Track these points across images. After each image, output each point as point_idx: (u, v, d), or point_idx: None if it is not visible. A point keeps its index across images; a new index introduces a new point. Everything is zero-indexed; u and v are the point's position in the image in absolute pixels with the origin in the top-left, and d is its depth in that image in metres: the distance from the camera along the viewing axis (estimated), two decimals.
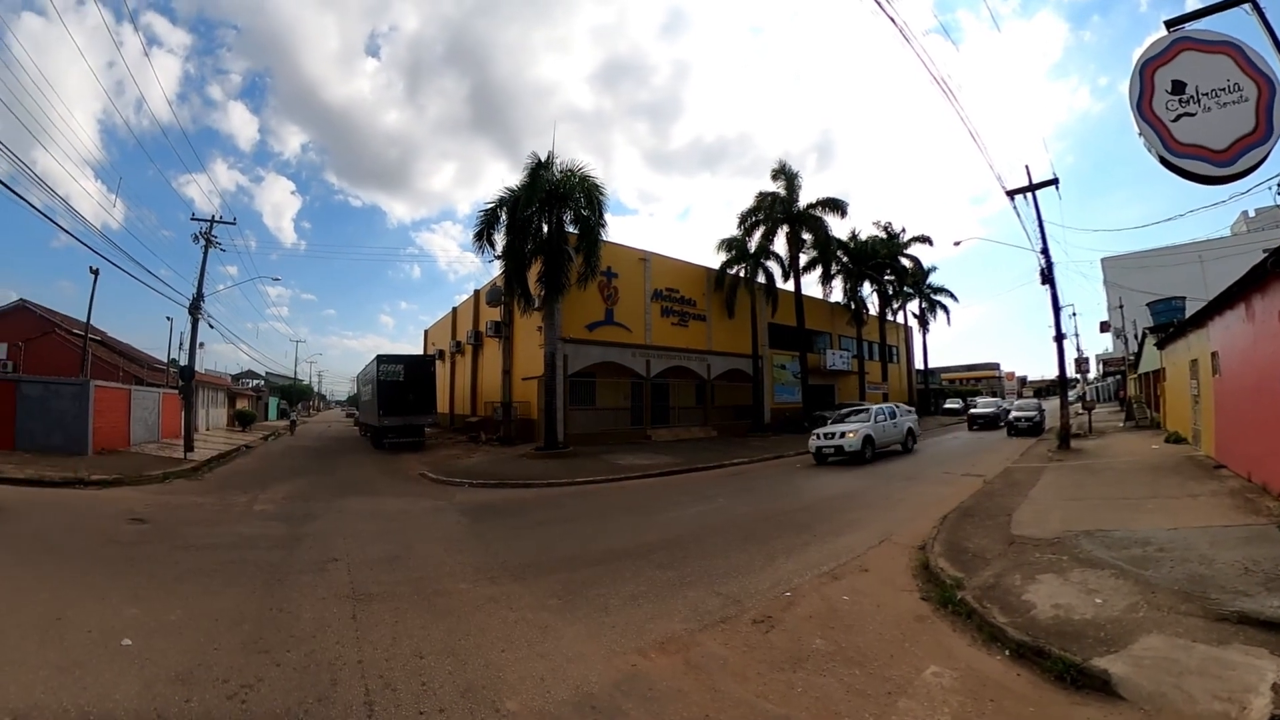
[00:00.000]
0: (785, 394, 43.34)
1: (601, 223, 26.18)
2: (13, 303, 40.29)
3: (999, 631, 5.90)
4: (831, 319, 49.41)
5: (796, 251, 38.78)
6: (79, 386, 24.72)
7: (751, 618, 6.75)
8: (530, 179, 25.75)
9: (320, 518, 13.77)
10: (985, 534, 9.74)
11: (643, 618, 6.87)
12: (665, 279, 35.97)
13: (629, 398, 33.74)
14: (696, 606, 7.17)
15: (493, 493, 17.83)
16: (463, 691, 5.16)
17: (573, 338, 29.93)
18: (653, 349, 34.30)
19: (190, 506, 15.30)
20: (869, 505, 13.88)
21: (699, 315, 37.75)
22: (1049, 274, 24.00)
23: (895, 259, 49.31)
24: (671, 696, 5.01)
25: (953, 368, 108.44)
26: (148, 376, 39.57)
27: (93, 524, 12.55)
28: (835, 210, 37.98)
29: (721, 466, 22.65)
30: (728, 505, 14.50)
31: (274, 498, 16.77)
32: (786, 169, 38.07)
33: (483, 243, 26.89)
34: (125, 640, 6.22)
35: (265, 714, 4.82)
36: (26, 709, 4.78)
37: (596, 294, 30.94)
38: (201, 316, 29.91)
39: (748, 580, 8.14)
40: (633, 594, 7.73)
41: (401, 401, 31.88)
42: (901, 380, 60.12)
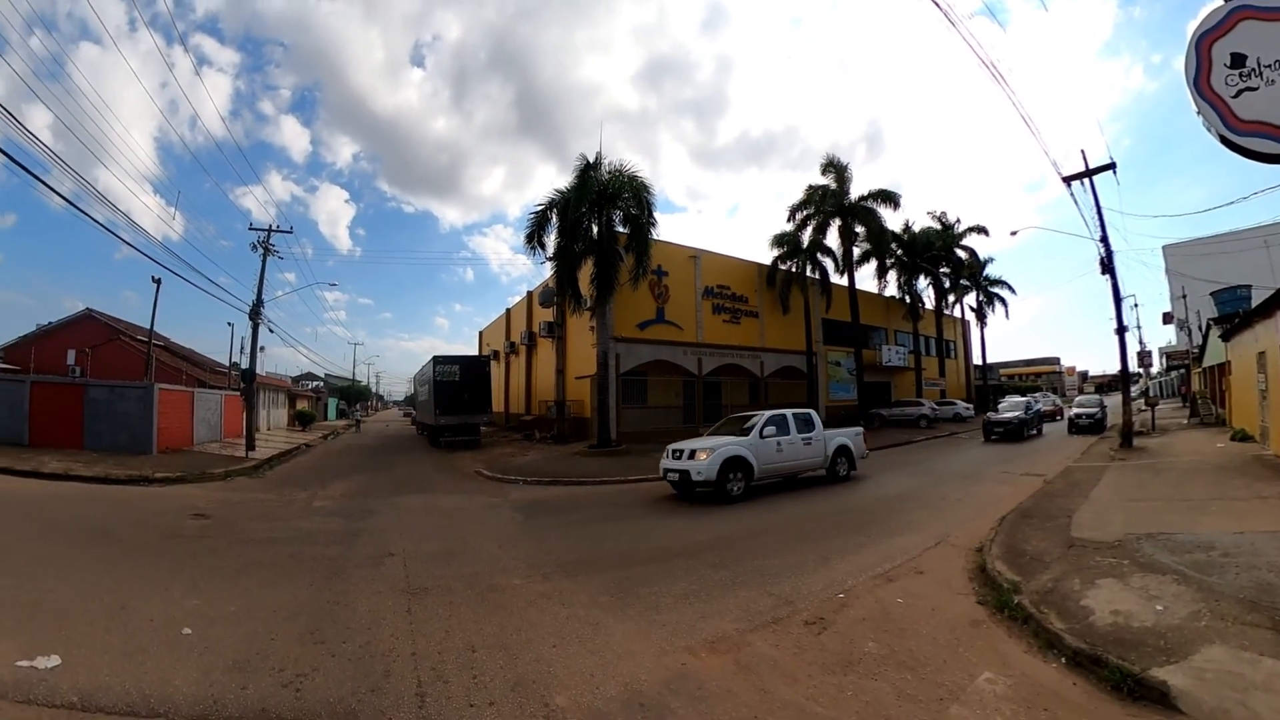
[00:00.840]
0: (840, 391, 42.55)
1: (651, 221, 26.17)
2: (80, 312, 42.66)
3: (1055, 638, 5.68)
4: (887, 314, 48.27)
5: (849, 245, 38.31)
6: (144, 389, 25.68)
7: (803, 619, 6.64)
8: (579, 180, 25.89)
9: (378, 514, 14.03)
10: (1044, 536, 9.42)
11: (694, 616, 6.80)
12: (716, 276, 35.67)
13: (681, 396, 33.55)
14: (748, 606, 7.08)
15: (546, 490, 17.95)
16: (513, 685, 5.17)
17: (624, 336, 29.95)
18: (704, 347, 34.07)
19: (251, 503, 15.72)
20: (926, 506, 13.56)
21: (751, 312, 37.33)
22: (1109, 263, 23.05)
23: (950, 251, 48.34)
24: (720, 697, 4.93)
25: (1012, 363, 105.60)
26: (210, 379, 40.83)
27: (156, 519, 12.94)
28: (887, 202, 37.36)
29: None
30: (780, 505, 14.28)
31: (333, 494, 17.14)
32: (836, 161, 37.64)
33: (534, 245, 27.17)
34: (186, 629, 6.41)
35: (319, 703, 4.90)
36: (92, 690, 4.99)
37: (647, 292, 30.94)
38: (261, 321, 30.62)
39: (800, 581, 8.00)
40: (684, 592, 7.66)
41: (457, 401, 32.32)
42: (959, 376, 58.56)
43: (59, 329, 42.21)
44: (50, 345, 40.52)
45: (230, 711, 4.76)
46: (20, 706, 4.72)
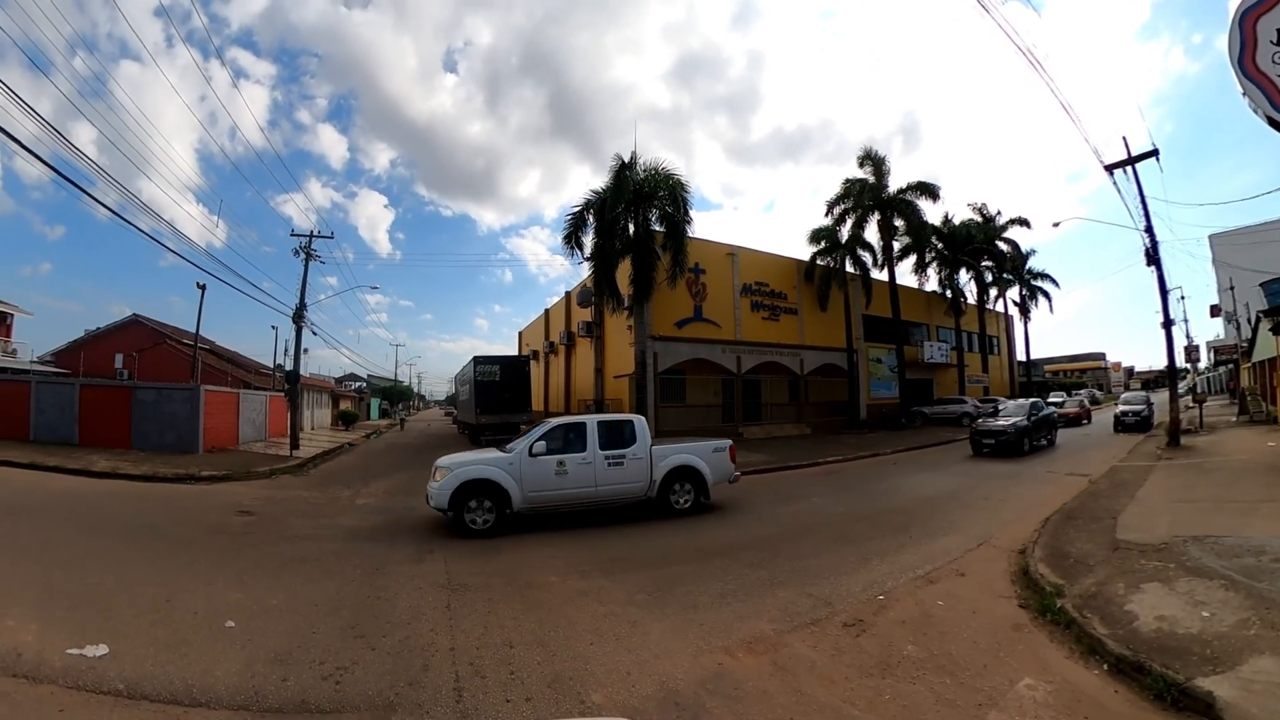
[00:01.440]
0: (882, 389, 41.93)
1: (687, 219, 26.05)
2: (126, 317, 44.14)
3: (1098, 644, 5.53)
4: (928, 309, 47.63)
5: (889, 239, 37.67)
6: (190, 391, 26.28)
7: (842, 620, 6.57)
8: (615, 180, 25.85)
9: (420, 511, 14.06)
10: (1088, 538, 9.21)
11: (731, 616, 6.76)
12: (754, 273, 35.46)
13: (720, 394, 33.45)
14: (786, 607, 7.02)
15: None
16: (550, 681, 5.19)
17: (662, 335, 29.90)
18: (743, 344, 33.83)
19: (295, 500, 15.97)
20: (969, 506, 13.30)
21: (790, 309, 37.05)
22: (1154, 254, 22.31)
23: (992, 243, 47.15)
24: (756, 697, 4.90)
25: (1056, 359, 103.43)
26: (255, 381, 41.55)
27: (202, 516, 13.23)
28: (927, 194, 36.76)
29: (815, 465, 22.08)
30: (822, 504, 14.16)
31: (375, 492, 17.36)
32: (873, 154, 37.14)
33: (571, 245, 27.17)
34: (229, 622, 6.54)
35: (358, 695, 4.97)
36: (138, 679, 5.13)
37: (685, 291, 30.88)
38: (305, 324, 31.23)
39: (840, 582, 7.91)
40: (722, 592, 7.63)
41: (498, 400, 32.47)
42: (1003, 372, 57.42)
43: (107, 334, 43.57)
44: (98, 350, 41.70)
45: (271, 702, 4.85)
46: (70, 692, 4.88)
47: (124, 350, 40.51)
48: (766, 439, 31.39)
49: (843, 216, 37.05)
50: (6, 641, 5.78)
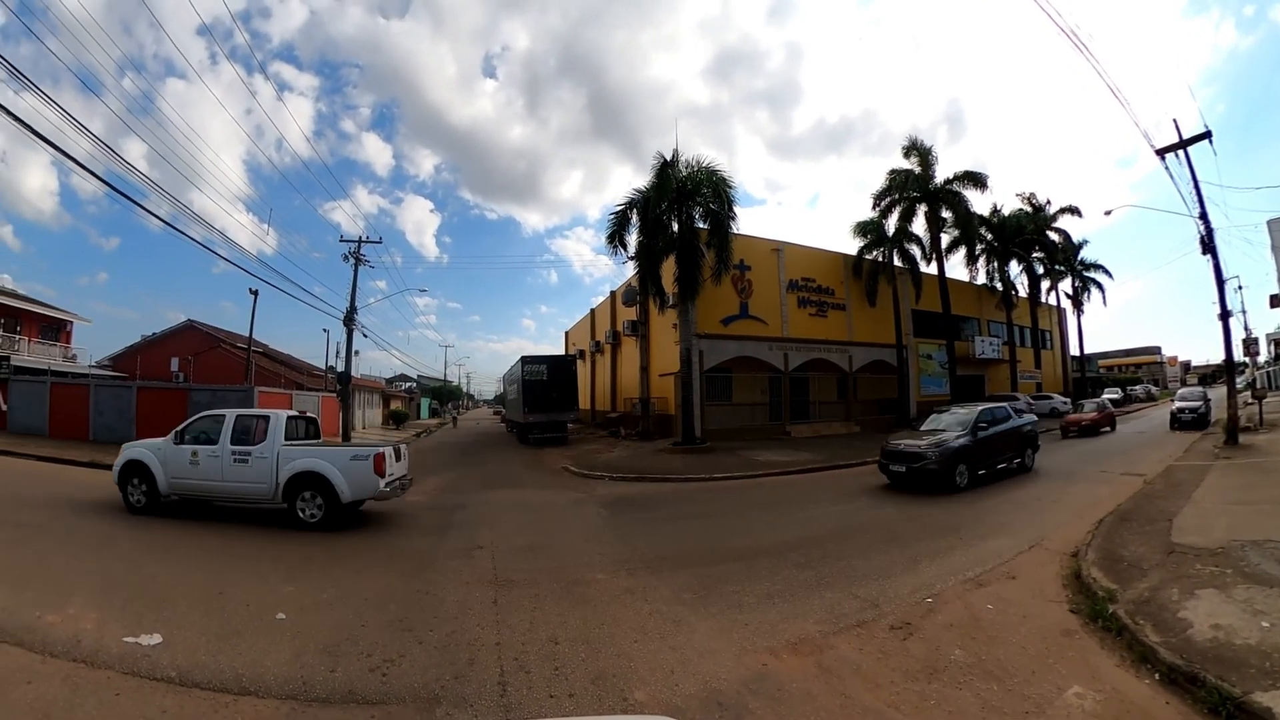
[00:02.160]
0: (932, 386, 40.85)
1: (731, 216, 25.84)
2: (181, 323, 46.00)
3: (1150, 652, 5.30)
4: (979, 303, 46.12)
5: (937, 232, 36.70)
6: (244, 392, 27.15)
7: (889, 623, 6.45)
8: (658, 178, 25.77)
9: (468, 508, 14.34)
10: (1143, 541, 8.89)
11: (777, 617, 6.69)
12: (800, 268, 34.93)
13: (767, 392, 33.03)
14: (833, 608, 6.92)
15: (631, 486, 17.98)
16: (593, 678, 5.18)
17: (708, 333, 29.65)
18: (790, 341, 33.39)
19: None
20: (1022, 507, 12.96)
21: (838, 304, 36.41)
22: (1209, 242, 21.22)
23: (1042, 234, 45.68)
24: (800, 699, 4.83)
25: (1111, 353, 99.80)
26: (307, 382, 42.58)
27: (255, 513, 13.43)
28: (975, 184, 35.63)
29: (864, 464, 21.29)
30: (871, 505, 13.92)
31: (425, 489, 17.52)
32: (918, 144, 36.16)
33: (615, 245, 27.16)
34: (280, 614, 6.70)
35: (404, 687, 5.03)
36: (190, 667, 5.30)
37: (730, 288, 30.61)
38: (355, 327, 31.87)
39: (888, 584, 7.77)
40: (768, 592, 7.54)
41: (545, 399, 32.81)
42: (1055, 368, 55.16)
43: (162, 339, 45.47)
44: (154, 354, 43.51)
45: (318, 693, 4.92)
46: (125, 677, 5.09)
47: (179, 354, 41.83)
48: (814, 438, 30.94)
49: (889, 209, 36.31)
50: (68, 629, 6.02)
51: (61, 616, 6.36)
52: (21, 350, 38.54)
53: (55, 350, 42.19)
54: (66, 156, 13.14)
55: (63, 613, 6.47)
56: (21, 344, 39.08)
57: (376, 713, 4.67)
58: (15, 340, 38.89)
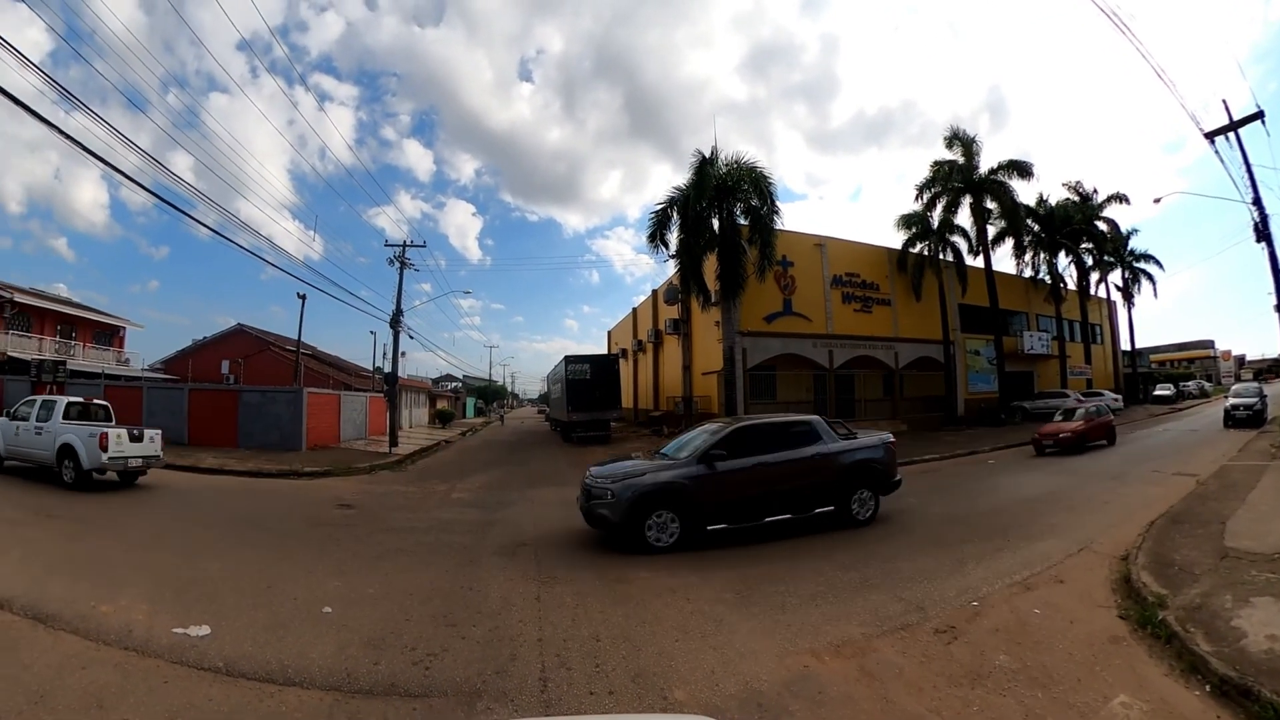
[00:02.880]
0: (980, 382, 39.81)
1: (773, 211, 25.56)
2: (231, 327, 47.52)
3: (1201, 662, 5.03)
4: (1027, 296, 44.49)
5: (983, 223, 36.10)
6: (293, 393, 27.87)
7: (934, 627, 6.29)
8: (697, 176, 25.64)
9: (512, 505, 14.51)
10: (1194, 544, 8.51)
11: (819, 618, 6.59)
12: (844, 263, 34.49)
13: (812, 390, 32.59)
14: (877, 611, 6.78)
15: None
16: (634, 676, 5.17)
17: (751, 330, 29.48)
18: (835, 338, 33.00)
19: (394, 495, 16.53)
20: (1071, 508, 12.56)
21: (883, 300, 35.81)
22: (1263, 229, 20.39)
23: (1090, 224, 44.33)
24: (840, 702, 4.74)
25: (1162, 347, 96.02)
26: (355, 383, 43.29)
27: (304, 509, 13.90)
28: (1020, 173, 34.96)
29: (911, 463, 20.74)
30: (918, 505, 13.59)
31: (470, 487, 17.81)
32: (961, 134, 35.60)
33: (656, 243, 27.10)
34: (326, 608, 6.81)
35: (446, 681, 5.06)
36: (236, 658, 5.44)
37: (773, 284, 30.29)
38: (401, 329, 32.37)
39: (933, 586, 7.58)
40: (811, 593, 7.44)
41: (589, 398, 33.03)
42: (1106, 363, 52.98)
43: (213, 342, 46.88)
44: (205, 357, 44.73)
45: (362, 684, 4.99)
46: (174, 666, 5.27)
47: (230, 357, 42.96)
48: None
49: (933, 201, 35.83)
50: (120, 619, 6.23)
51: (114, 607, 6.58)
52: (77, 355, 39.94)
53: (109, 354, 43.88)
54: (117, 171, 13.51)
55: (115, 603, 6.69)
56: (77, 349, 40.62)
57: (418, 705, 4.70)
58: (71, 345, 40.42)
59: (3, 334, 36.22)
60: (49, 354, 37.12)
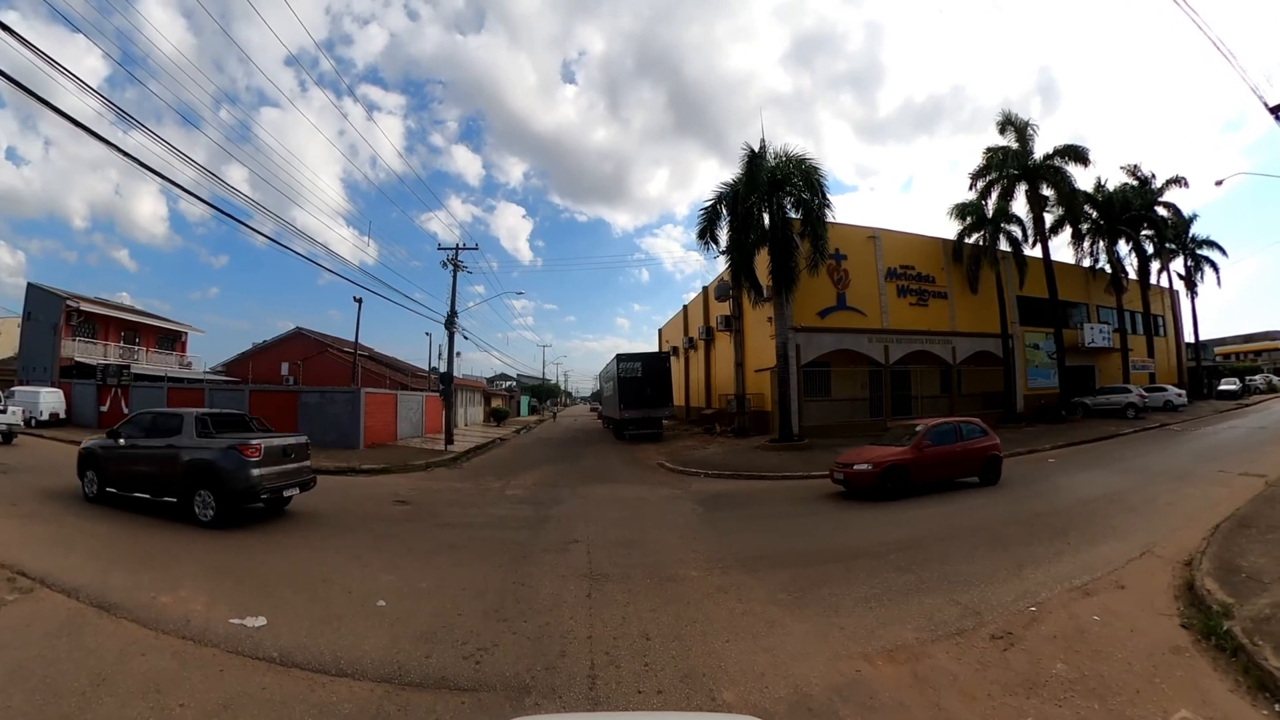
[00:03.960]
0: (1039, 377, 38.13)
1: (824, 204, 25.09)
2: (290, 330, 49.20)
3: (1269, 678, 4.75)
4: (1086, 287, 42.20)
5: (1040, 211, 34.79)
6: (351, 393, 28.38)
7: (990, 632, 6.12)
8: (746, 170, 25.35)
9: (565, 502, 14.58)
10: (1263, 550, 8.07)
11: (873, 622, 6.46)
12: (898, 255, 33.51)
13: (867, 387, 31.87)
14: (932, 615, 6.62)
15: (728, 483, 17.84)
16: (683, 676, 5.13)
17: (804, 326, 28.98)
18: (891, 333, 32.14)
19: (449, 491, 16.76)
20: (1132, 510, 12.11)
21: (939, 292, 34.71)
22: None
23: (1150, 209, 41.81)
24: (892, 709, 4.64)
25: (1227, 339, 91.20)
26: (411, 383, 44.14)
27: (361, 505, 14.18)
28: (1076, 159, 33.54)
29: None
30: (974, 505, 13.32)
31: (524, 484, 17.96)
32: (1014, 119, 34.38)
33: (706, 240, 26.78)
34: (380, 602, 6.93)
35: (495, 675, 5.11)
36: (291, 649, 5.60)
37: (826, 279, 29.61)
38: (456, 329, 32.78)
39: (990, 590, 7.37)
40: (865, 596, 7.29)
41: (640, 396, 33.08)
42: (1169, 356, 49.81)
43: (272, 345, 48.53)
44: (265, 359, 46.41)
45: (412, 677, 5.06)
46: (230, 655, 5.45)
47: (289, 359, 44.63)
48: None
49: (987, 189, 34.68)
50: (179, 610, 6.51)
51: (174, 598, 6.82)
52: (140, 359, 42.06)
53: (171, 358, 46.20)
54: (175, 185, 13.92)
55: (175, 594, 6.94)
56: (140, 353, 42.82)
57: (467, 699, 4.74)
58: (135, 350, 42.66)
59: (70, 340, 38.22)
60: (114, 359, 39.08)
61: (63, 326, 38.20)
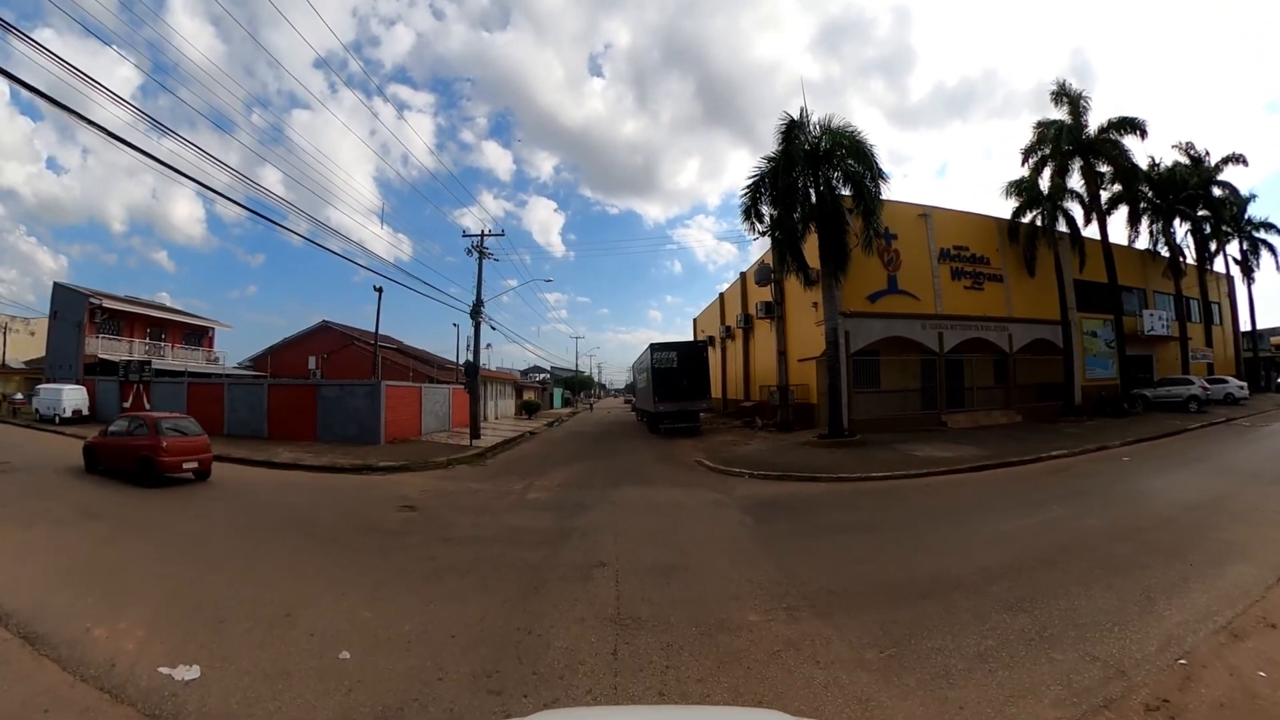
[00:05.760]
0: (1096, 368, 35.24)
1: (879, 175, 23.04)
2: (316, 324, 48.86)
3: None
4: (1143, 271, 38.82)
5: (1096, 189, 32.30)
6: (371, 387, 27.26)
7: (1143, 701, 4.44)
8: (785, 142, 23.41)
9: (592, 509, 12.80)
10: None
11: (999, 695, 4.63)
12: (951, 235, 30.83)
13: (918, 377, 29.47)
14: (1068, 677, 4.84)
15: (777, 486, 15.85)
16: None
17: (853, 311, 26.58)
18: (945, 319, 29.57)
19: (464, 494, 15.15)
20: (1243, 519, 10.18)
21: (994, 275, 31.92)
22: None
23: (1206, 188, 38.44)
24: None
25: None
26: (439, 375, 43.19)
27: (364, 510, 12.71)
28: (1133, 131, 31.00)
29: (1037, 460, 18.48)
30: (1066, 515, 11.32)
31: (548, 485, 16.32)
32: (1068, 89, 31.90)
33: (750, 219, 24.83)
34: (344, 653, 5.49)
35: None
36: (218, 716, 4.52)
37: (876, 260, 27.44)
38: (482, 319, 31.70)
39: (1126, 636, 5.60)
40: (979, 651, 5.44)
41: (676, 387, 31.37)
42: (1226, 346, 45.56)
43: (299, 340, 48.41)
44: (292, 354, 46.65)
45: None
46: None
47: (315, 353, 44.65)
48: (973, 428, 27.32)
49: (1040, 165, 32.42)
50: (109, 647, 5.64)
51: (109, 630, 6.00)
52: (166, 355, 42.52)
53: (199, 354, 46.66)
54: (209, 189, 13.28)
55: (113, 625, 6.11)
56: (166, 349, 43.39)
57: None
58: (161, 346, 43.23)
59: (94, 338, 38.95)
60: (139, 355, 39.24)
61: (86, 324, 38.56)
